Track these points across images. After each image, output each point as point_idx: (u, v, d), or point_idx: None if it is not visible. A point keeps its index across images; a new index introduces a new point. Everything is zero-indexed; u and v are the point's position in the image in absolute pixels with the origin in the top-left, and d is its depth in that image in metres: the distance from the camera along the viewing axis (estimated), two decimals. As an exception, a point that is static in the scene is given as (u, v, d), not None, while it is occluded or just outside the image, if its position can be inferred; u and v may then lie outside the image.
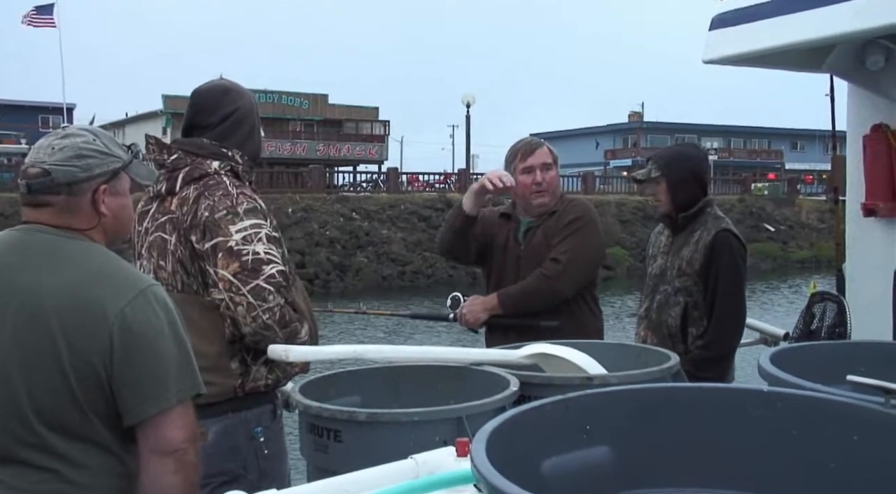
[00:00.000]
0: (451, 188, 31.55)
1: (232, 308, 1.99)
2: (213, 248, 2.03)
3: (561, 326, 2.75)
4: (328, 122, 44.42)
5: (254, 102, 2.33)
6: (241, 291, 1.98)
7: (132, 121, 45.62)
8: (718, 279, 2.76)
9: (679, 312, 2.83)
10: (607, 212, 29.45)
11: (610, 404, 1.19)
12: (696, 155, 3.00)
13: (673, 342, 2.80)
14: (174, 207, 2.13)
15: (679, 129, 55.16)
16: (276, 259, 2.05)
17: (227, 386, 2.07)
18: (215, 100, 2.23)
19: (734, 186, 38.91)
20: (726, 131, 59.56)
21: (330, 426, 1.64)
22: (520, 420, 1.12)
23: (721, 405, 1.16)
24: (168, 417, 1.52)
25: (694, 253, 2.82)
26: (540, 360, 1.98)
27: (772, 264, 29.36)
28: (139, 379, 1.51)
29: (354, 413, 1.63)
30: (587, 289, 2.94)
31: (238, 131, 2.23)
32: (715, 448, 1.15)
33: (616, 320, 15.56)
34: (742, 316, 2.83)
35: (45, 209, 1.57)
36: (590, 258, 2.91)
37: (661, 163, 2.94)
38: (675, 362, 1.85)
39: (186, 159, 2.16)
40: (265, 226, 2.08)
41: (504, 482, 0.88)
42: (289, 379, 2.21)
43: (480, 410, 1.59)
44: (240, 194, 2.09)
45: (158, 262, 2.13)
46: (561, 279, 2.84)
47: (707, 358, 2.67)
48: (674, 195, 2.89)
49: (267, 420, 2.16)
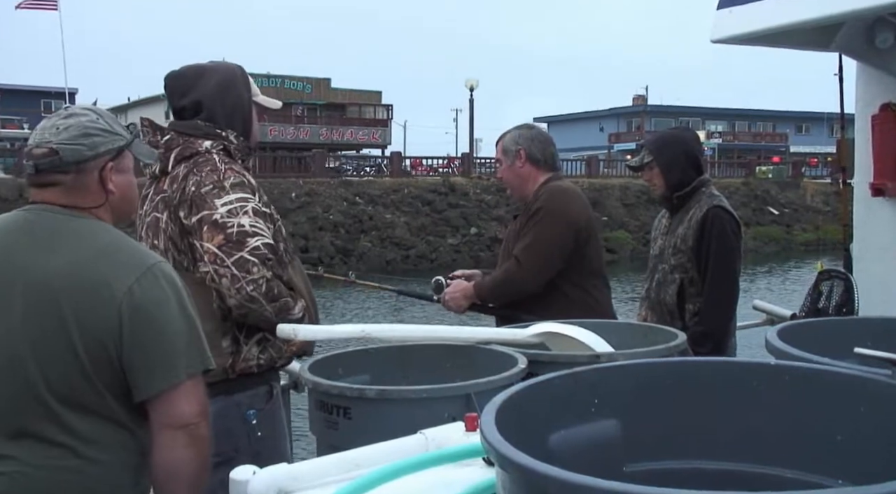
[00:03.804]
0: (455, 172, 31.49)
1: (216, 280, 1.99)
2: (199, 222, 2.03)
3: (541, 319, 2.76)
4: (331, 107, 44.28)
5: (236, 77, 2.27)
6: (226, 263, 1.98)
7: (135, 105, 45.54)
8: (710, 254, 2.80)
9: (675, 289, 2.87)
10: (611, 196, 29.41)
11: (617, 378, 1.20)
12: (685, 136, 3.06)
13: (671, 319, 2.84)
14: (166, 186, 2.15)
15: (683, 113, 54.89)
16: (261, 232, 2.04)
17: (218, 367, 2.04)
18: (189, 81, 2.23)
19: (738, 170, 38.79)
20: (730, 114, 59.24)
21: (340, 403, 1.65)
22: (528, 393, 1.12)
23: (728, 378, 1.17)
24: (178, 391, 1.54)
25: (687, 230, 2.87)
26: (547, 339, 2.00)
27: (776, 247, 29.30)
28: (148, 355, 1.52)
29: (364, 391, 1.65)
30: (572, 277, 2.90)
31: (220, 110, 2.21)
32: (722, 421, 1.16)
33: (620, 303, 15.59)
34: (734, 290, 2.85)
35: (52, 188, 1.58)
36: (547, 251, 2.87)
37: (651, 148, 3.00)
38: (682, 340, 1.87)
39: (179, 139, 2.18)
40: (252, 200, 2.08)
41: (514, 451, 0.89)
42: (285, 360, 2.20)
43: (488, 387, 1.60)
44: (227, 169, 2.10)
45: (153, 241, 2.14)
46: (522, 275, 2.88)
47: (700, 333, 2.70)
48: (666, 177, 2.94)
49: (261, 403, 2.15)
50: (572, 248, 2.88)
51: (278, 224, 2.19)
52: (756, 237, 27.83)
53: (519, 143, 3.04)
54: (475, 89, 35.03)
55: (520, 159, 3.03)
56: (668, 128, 3.49)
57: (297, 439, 2.83)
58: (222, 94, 2.23)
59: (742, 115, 59.56)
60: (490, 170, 32.03)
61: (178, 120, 2.26)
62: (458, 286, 3.01)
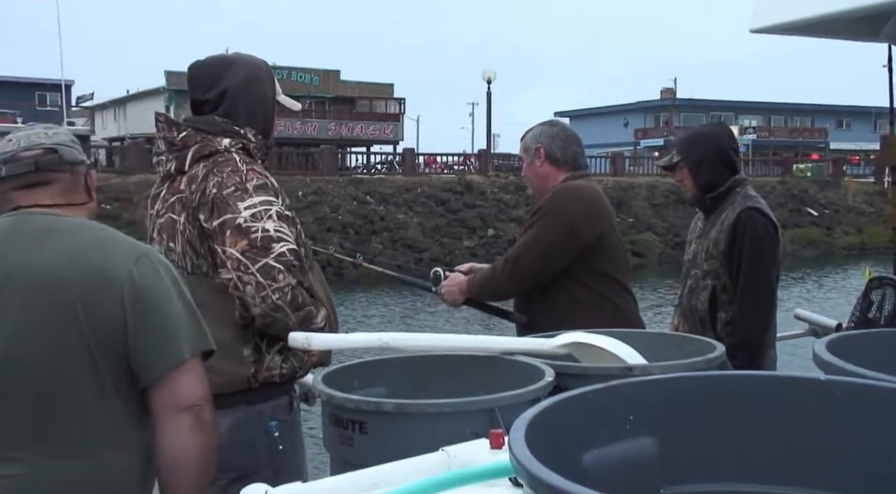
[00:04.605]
0: (471, 170, 31.50)
1: (240, 287, 2.00)
2: (221, 226, 2.04)
3: (537, 323, 2.77)
4: (340, 100, 44.43)
5: (263, 73, 2.30)
6: (250, 270, 1.99)
7: (133, 98, 45.87)
8: (742, 258, 2.78)
9: (707, 297, 2.85)
10: (637, 196, 29.31)
11: (654, 393, 1.19)
12: (716, 132, 3.02)
13: (703, 328, 2.82)
14: (183, 186, 2.14)
15: (714, 107, 54.65)
16: (286, 237, 2.05)
17: (239, 375, 2.08)
18: (213, 74, 2.24)
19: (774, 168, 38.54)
20: (766, 108, 58.91)
21: (355, 417, 1.65)
22: (559, 409, 1.12)
23: (774, 394, 1.16)
24: (182, 371, 1.60)
25: (719, 234, 2.85)
26: (575, 350, 1.99)
27: (815, 251, 29.07)
28: (152, 337, 1.58)
29: (381, 404, 1.64)
30: (579, 277, 2.89)
31: (242, 106, 2.22)
32: (767, 440, 1.15)
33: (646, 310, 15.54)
34: (769, 298, 2.84)
35: (47, 187, 1.67)
36: (540, 253, 2.88)
37: (680, 147, 2.99)
38: (721, 352, 1.85)
39: (196, 136, 2.18)
40: (276, 204, 2.09)
41: (546, 471, 0.88)
42: (305, 370, 2.22)
43: (514, 401, 1.60)
44: (249, 170, 2.11)
45: (168, 244, 2.15)
46: (506, 276, 2.91)
47: (733, 344, 2.67)
48: (696, 177, 2.92)
49: (283, 414, 2.17)
50: (574, 252, 2.87)
51: (299, 228, 2.20)
52: (794, 240, 27.63)
53: (539, 141, 3.06)
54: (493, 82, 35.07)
55: (539, 157, 3.05)
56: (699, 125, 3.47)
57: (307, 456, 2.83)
58: (247, 89, 2.24)
59: (778, 109, 59.19)
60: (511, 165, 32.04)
61: (195, 115, 2.27)
62: (454, 279, 3.06)
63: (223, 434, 2.07)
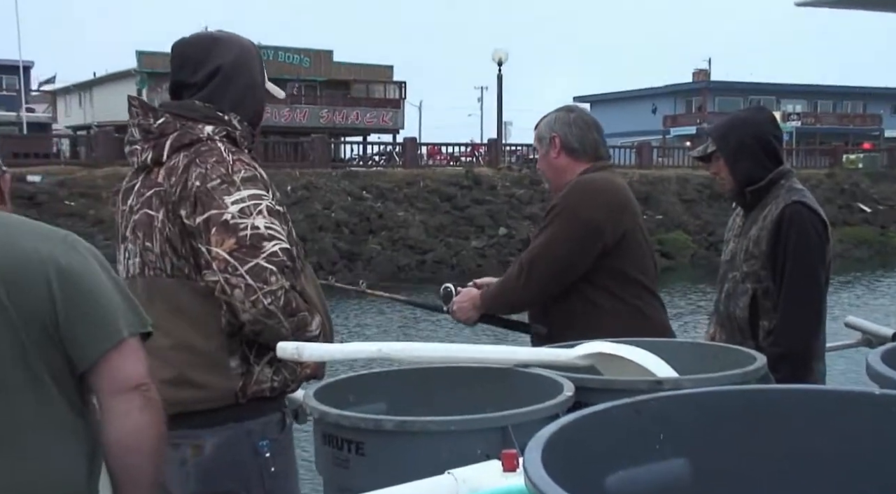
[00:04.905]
0: (480, 161, 31.55)
1: (228, 291, 2.00)
2: (206, 223, 2.04)
3: (554, 333, 2.78)
4: (333, 84, 44.51)
5: (253, 55, 2.33)
6: (239, 271, 1.99)
7: (101, 81, 46.06)
8: (787, 259, 2.77)
9: (746, 302, 2.85)
10: (667, 190, 29.32)
11: (686, 409, 1.20)
12: (756, 118, 3.01)
13: (743, 337, 2.82)
14: (161, 179, 2.15)
15: (753, 90, 54.65)
16: (278, 235, 2.06)
17: (226, 390, 2.09)
18: (200, 53, 2.24)
19: (821, 158, 38.53)
20: (812, 92, 58.87)
21: (351, 437, 1.65)
22: (581, 426, 1.12)
23: (822, 411, 1.16)
24: (123, 351, 1.66)
25: (761, 232, 2.85)
26: (597, 361, 1.99)
27: (868, 251, 29.02)
28: (86, 318, 1.64)
29: (380, 422, 1.65)
30: (600, 281, 2.90)
31: (230, 89, 2.23)
32: (814, 462, 1.15)
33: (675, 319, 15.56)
34: (816, 303, 2.83)
35: None
36: (556, 257, 2.88)
37: (715, 136, 2.99)
38: (761, 364, 1.85)
39: (175, 123, 2.18)
40: (266, 198, 2.09)
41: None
42: (298, 383, 2.23)
43: (529, 418, 1.60)
44: (236, 161, 2.11)
45: (144, 243, 2.15)
46: (521, 284, 2.92)
47: (775, 356, 2.66)
48: (734, 168, 2.92)
49: (274, 432, 2.18)
50: (596, 252, 2.87)
51: (290, 225, 2.21)
52: (843, 239, 27.57)
53: (554, 130, 3.06)
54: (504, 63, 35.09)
55: (554, 148, 3.05)
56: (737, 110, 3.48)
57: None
58: (238, 71, 2.26)
59: (826, 93, 59.14)
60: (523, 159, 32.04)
61: (174, 99, 2.27)
62: (467, 294, 3.07)
63: (208, 454, 2.09)
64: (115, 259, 2.27)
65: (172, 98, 2.29)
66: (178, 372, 2.09)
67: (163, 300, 2.12)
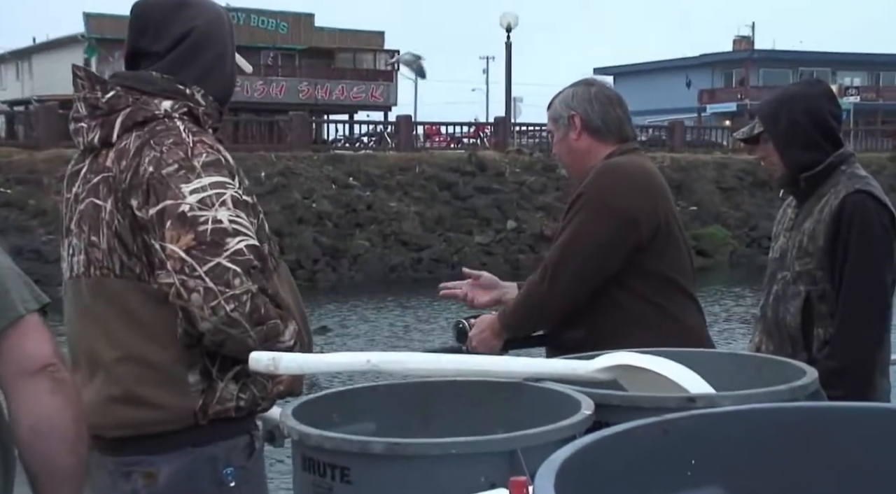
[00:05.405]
0: (486, 144, 31.57)
1: (184, 295, 1.99)
2: (160, 215, 2.04)
3: (577, 343, 2.76)
4: (314, 53, 44.52)
5: (224, 21, 2.34)
6: (197, 272, 1.98)
7: (42, 48, 46.12)
8: (847, 257, 2.77)
9: (799, 307, 2.85)
10: (702, 178, 29.34)
11: (723, 430, 1.21)
12: (810, 93, 3.01)
13: (794, 348, 2.82)
14: (110, 163, 2.14)
15: (804, 61, 54.58)
16: (245, 230, 2.05)
17: (183, 409, 2.09)
18: (165, 17, 2.24)
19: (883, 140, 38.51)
20: (872, 62, 58.83)
21: (335, 461, 1.65)
22: (600, 449, 1.13)
23: (884, 432, 1.17)
24: (21, 329, 1.72)
25: (817, 225, 2.84)
26: (620, 375, 2.00)
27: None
28: None
29: (369, 444, 1.65)
30: (630, 283, 2.90)
31: (197, 60, 2.24)
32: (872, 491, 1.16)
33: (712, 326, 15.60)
34: (880, 309, 2.83)
35: None
36: (587, 255, 2.87)
37: (763, 114, 2.99)
38: (812, 379, 1.86)
39: (128, 98, 2.17)
40: (231, 186, 2.09)
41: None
42: (269, 401, 2.23)
43: (541, 441, 1.60)
44: (197, 142, 2.11)
45: (90, 238, 2.15)
46: (546, 289, 2.89)
47: (832, 370, 2.66)
48: (784, 153, 2.92)
49: (241, 458, 2.18)
50: (629, 248, 2.87)
51: (261, 217, 2.21)
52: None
53: (572, 107, 3.03)
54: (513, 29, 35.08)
55: (574, 129, 3.02)
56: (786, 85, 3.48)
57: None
58: (206, 39, 2.26)
59: (889, 64, 59.06)
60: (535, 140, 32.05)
61: (130, 70, 2.27)
62: (482, 323, 3.03)
63: (162, 484, 2.09)
64: (60, 255, 2.29)
65: (128, 69, 2.29)
66: (126, 388, 2.09)
67: (110, 304, 2.12)
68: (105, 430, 2.08)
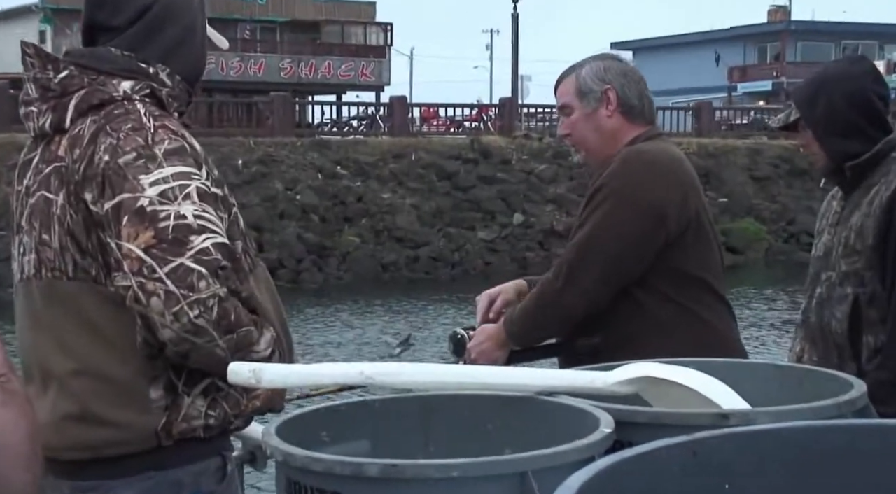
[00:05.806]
0: (490, 128, 31.57)
1: (143, 300, 1.98)
2: (116, 210, 2.04)
3: (596, 353, 2.79)
4: (298, 26, 44.53)
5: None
6: (157, 274, 1.98)
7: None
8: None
9: (846, 311, 2.85)
10: (733, 165, 29.37)
11: (762, 450, 1.21)
12: (850, 73, 3.01)
13: (840, 358, 2.83)
14: (62, 151, 2.15)
15: (848, 33, 54.68)
16: (212, 226, 2.06)
17: (143, 429, 2.09)
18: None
19: (936, 124, 38.49)
20: (924, 35, 58.78)
21: (325, 485, 1.66)
22: (621, 472, 1.14)
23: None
24: None
25: (866, 219, 2.85)
26: (643, 388, 2.00)
27: None
28: None
29: (362, 466, 1.64)
30: (655, 283, 2.91)
31: (162, 34, 2.24)
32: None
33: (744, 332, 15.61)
34: None
35: None
36: (611, 252, 2.87)
37: (798, 99, 3.00)
38: (860, 393, 1.86)
39: (83, 78, 2.18)
40: (197, 177, 2.09)
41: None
42: (244, 418, 2.23)
43: (555, 462, 1.61)
44: (159, 128, 2.11)
45: (41, 236, 2.15)
46: (560, 288, 2.89)
47: (881, 381, 2.67)
48: (824, 141, 2.92)
49: (211, 482, 2.18)
50: (658, 246, 2.88)
51: (234, 211, 2.22)
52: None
53: (607, 81, 3.00)
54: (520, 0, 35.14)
55: (608, 105, 2.99)
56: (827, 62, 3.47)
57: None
58: (173, 11, 2.26)
59: (942, 38, 59.07)
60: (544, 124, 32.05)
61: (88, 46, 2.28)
62: (483, 332, 3.02)
63: None
64: (11, 254, 2.29)
65: (85, 45, 2.29)
66: (82, 405, 2.10)
67: (63, 309, 2.13)
68: (60, 452, 2.08)
